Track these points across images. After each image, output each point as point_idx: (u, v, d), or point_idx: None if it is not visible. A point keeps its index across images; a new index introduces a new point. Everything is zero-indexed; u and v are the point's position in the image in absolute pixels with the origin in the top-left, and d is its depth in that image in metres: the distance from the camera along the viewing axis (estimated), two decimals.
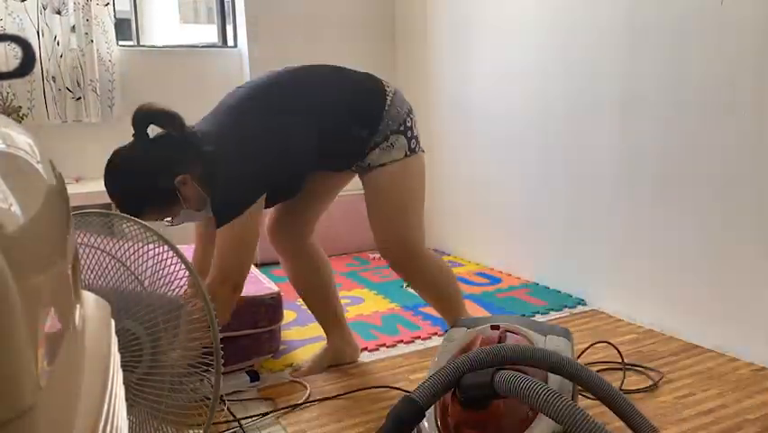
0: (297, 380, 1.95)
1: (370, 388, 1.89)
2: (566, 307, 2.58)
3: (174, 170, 1.63)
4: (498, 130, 3.02)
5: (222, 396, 1.81)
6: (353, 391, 1.87)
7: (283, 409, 1.77)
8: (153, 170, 1.63)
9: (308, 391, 1.87)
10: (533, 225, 2.88)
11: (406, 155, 1.81)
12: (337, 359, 2.06)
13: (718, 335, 2.10)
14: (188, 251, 1.87)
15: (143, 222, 1.45)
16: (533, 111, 2.81)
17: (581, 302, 2.62)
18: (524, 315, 2.46)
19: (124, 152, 1.64)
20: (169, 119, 1.64)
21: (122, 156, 1.64)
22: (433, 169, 3.55)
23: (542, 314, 2.50)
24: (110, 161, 1.63)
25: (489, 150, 3.10)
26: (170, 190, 1.63)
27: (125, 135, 1.65)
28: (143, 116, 1.62)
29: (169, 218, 1.69)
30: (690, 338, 2.19)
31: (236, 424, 1.70)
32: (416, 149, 1.84)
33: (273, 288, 2.13)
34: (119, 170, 1.63)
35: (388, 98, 1.80)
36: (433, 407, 1.30)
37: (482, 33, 3.04)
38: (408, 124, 1.82)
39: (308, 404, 1.81)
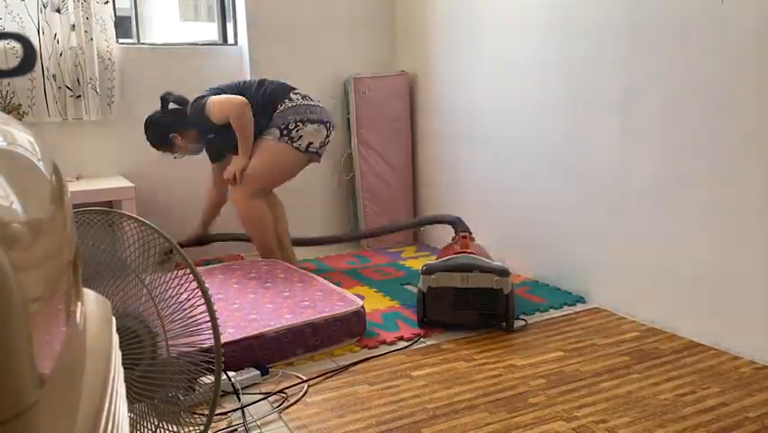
0: (298, 375, 1.96)
1: (371, 384, 1.90)
2: (566, 304, 2.58)
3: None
4: (498, 128, 3.02)
5: (238, 388, 1.82)
6: (355, 387, 1.88)
7: (286, 405, 1.78)
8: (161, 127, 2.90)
9: (306, 387, 1.87)
10: (532, 222, 2.88)
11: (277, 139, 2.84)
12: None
13: (720, 333, 2.10)
14: None
15: (143, 219, 1.45)
16: (532, 110, 2.80)
17: (581, 300, 2.62)
18: (524, 312, 2.47)
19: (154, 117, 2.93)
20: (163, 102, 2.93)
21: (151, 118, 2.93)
22: (432, 169, 3.55)
23: (542, 312, 2.50)
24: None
25: (488, 148, 3.10)
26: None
27: (125, 133, 1.66)
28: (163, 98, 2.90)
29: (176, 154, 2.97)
30: (691, 336, 2.19)
31: (238, 420, 1.70)
32: (288, 141, 2.83)
33: (357, 301, 2.32)
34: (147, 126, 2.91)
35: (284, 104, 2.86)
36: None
37: (482, 33, 3.03)
38: (291, 127, 2.83)
39: (310, 400, 1.81)
